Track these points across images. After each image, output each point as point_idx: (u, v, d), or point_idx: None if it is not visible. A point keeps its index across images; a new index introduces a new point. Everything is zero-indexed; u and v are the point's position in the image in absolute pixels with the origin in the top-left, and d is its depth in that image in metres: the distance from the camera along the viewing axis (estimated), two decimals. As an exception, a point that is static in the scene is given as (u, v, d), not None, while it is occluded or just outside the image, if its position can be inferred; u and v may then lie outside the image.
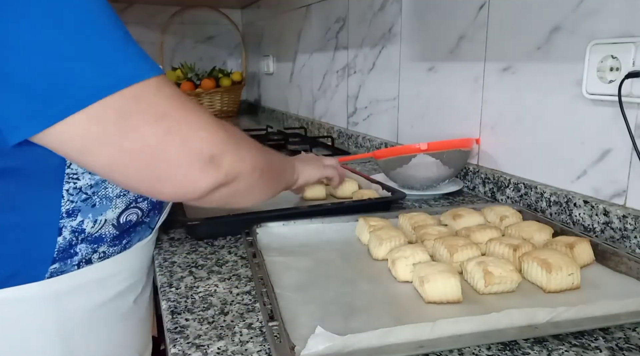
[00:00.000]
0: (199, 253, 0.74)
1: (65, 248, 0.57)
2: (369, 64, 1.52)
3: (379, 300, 0.57)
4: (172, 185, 0.49)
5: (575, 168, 0.84)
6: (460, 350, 0.48)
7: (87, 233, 0.59)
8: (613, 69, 0.74)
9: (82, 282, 0.60)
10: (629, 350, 0.49)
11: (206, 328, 0.53)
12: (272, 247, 0.72)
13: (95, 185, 0.57)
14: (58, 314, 0.58)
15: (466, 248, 0.64)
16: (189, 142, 0.48)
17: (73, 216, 0.57)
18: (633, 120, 0.73)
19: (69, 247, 0.58)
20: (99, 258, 0.61)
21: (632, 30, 0.72)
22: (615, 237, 0.76)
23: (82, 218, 0.57)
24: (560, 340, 0.50)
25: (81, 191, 0.56)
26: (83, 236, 0.58)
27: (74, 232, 0.57)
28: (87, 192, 0.57)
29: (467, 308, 0.55)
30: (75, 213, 0.57)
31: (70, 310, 0.59)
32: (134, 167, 0.47)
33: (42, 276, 0.56)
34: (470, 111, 1.08)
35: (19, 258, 0.55)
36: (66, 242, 0.57)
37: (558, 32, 0.85)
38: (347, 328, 0.50)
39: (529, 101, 0.93)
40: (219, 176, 0.51)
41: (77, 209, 0.57)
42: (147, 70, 0.46)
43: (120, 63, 0.45)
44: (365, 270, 0.66)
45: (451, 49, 1.13)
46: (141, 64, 0.47)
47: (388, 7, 1.39)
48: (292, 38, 2.17)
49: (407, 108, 1.36)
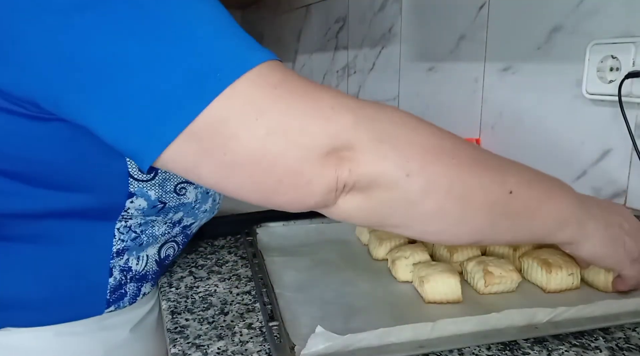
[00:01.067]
0: (199, 253, 0.74)
1: (116, 288, 0.57)
2: (369, 64, 1.52)
3: (379, 300, 0.57)
4: (285, 192, 0.41)
5: (575, 168, 0.84)
6: (460, 350, 0.48)
7: (134, 271, 0.59)
8: (613, 69, 0.74)
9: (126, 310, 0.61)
10: (629, 350, 0.48)
11: (206, 328, 0.53)
12: (272, 247, 0.72)
13: (144, 224, 0.57)
14: (104, 338, 0.58)
15: (466, 248, 0.64)
16: (296, 137, 0.39)
17: (122, 255, 0.57)
18: (633, 120, 0.73)
19: (118, 286, 0.58)
20: (141, 298, 0.61)
21: (632, 30, 0.72)
22: (615, 237, 0.76)
23: (127, 257, 0.57)
24: (560, 340, 0.50)
25: (131, 230, 0.56)
26: (131, 274, 0.58)
27: (122, 271, 0.57)
28: (136, 231, 0.57)
29: (467, 308, 0.55)
30: (124, 253, 0.57)
31: (115, 329, 0.59)
32: (241, 179, 0.40)
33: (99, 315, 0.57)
34: (470, 111, 1.08)
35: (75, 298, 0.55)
36: (116, 282, 0.57)
37: (558, 32, 0.85)
38: (347, 328, 0.49)
39: (529, 101, 0.93)
40: (340, 173, 0.40)
41: (126, 248, 0.57)
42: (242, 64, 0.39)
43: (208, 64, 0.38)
44: (365, 270, 0.66)
45: (451, 49, 1.13)
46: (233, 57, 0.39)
47: (388, 7, 1.39)
48: (292, 38, 2.17)
49: (407, 108, 1.35)
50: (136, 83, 0.37)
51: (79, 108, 0.40)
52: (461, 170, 0.42)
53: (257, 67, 0.39)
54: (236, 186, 0.41)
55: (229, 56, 0.39)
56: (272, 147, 0.39)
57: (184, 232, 0.64)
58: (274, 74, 0.40)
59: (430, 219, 0.43)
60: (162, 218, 0.59)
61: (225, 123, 0.38)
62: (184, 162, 0.40)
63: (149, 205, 0.55)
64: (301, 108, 0.39)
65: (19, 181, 0.49)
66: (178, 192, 0.57)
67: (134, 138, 0.39)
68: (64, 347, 0.56)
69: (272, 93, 0.39)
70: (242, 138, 0.38)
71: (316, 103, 0.40)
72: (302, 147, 0.39)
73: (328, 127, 0.39)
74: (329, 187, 0.40)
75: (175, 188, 0.56)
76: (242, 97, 0.38)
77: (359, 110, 0.41)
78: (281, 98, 0.39)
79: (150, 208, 0.55)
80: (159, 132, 0.38)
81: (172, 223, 0.61)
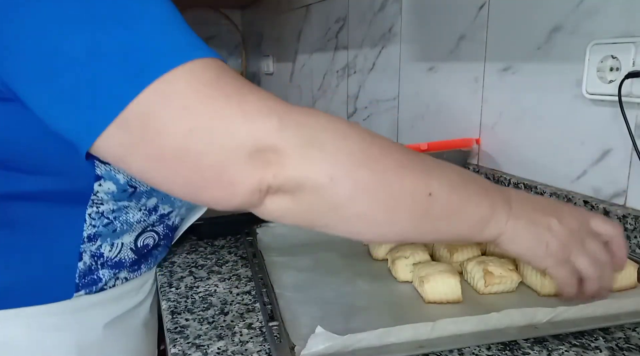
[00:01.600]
0: (199, 253, 0.74)
1: (86, 273, 0.57)
2: (369, 64, 1.52)
3: (378, 300, 0.57)
4: (209, 190, 0.41)
5: (575, 168, 0.84)
6: (460, 350, 0.48)
7: (106, 257, 0.58)
8: (613, 69, 0.74)
9: (102, 299, 0.60)
10: (629, 350, 0.48)
11: (206, 328, 0.53)
12: (272, 247, 0.72)
13: (117, 210, 0.57)
14: (77, 328, 0.58)
15: (466, 248, 0.64)
16: (221, 135, 0.39)
17: (93, 240, 0.57)
18: (633, 120, 0.73)
19: (89, 271, 0.57)
20: (121, 283, 0.61)
21: (632, 30, 0.72)
22: (615, 237, 0.76)
23: (101, 243, 0.57)
24: (560, 340, 0.50)
25: (103, 215, 0.56)
26: (102, 260, 0.58)
27: (93, 257, 0.57)
28: (109, 217, 0.56)
29: (467, 308, 0.55)
30: (96, 238, 0.57)
31: (89, 324, 0.59)
32: (168, 174, 0.41)
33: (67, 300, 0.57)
34: (470, 111, 1.08)
35: (42, 280, 0.55)
36: (86, 267, 0.57)
37: (558, 32, 0.85)
38: (347, 328, 0.49)
39: (529, 101, 0.93)
40: (264, 175, 0.40)
41: (97, 234, 0.56)
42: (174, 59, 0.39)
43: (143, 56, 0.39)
44: (365, 270, 0.66)
45: (451, 49, 1.13)
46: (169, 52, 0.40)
47: (388, 7, 1.39)
48: (292, 38, 2.17)
49: (407, 108, 1.36)
50: (74, 72, 0.39)
51: (24, 93, 0.42)
52: (386, 175, 0.43)
53: (190, 63, 0.40)
54: (162, 180, 0.42)
55: (165, 51, 0.40)
56: (195, 145, 0.39)
57: (162, 221, 0.64)
58: (207, 72, 0.40)
59: (355, 222, 0.44)
60: (135, 204, 0.58)
61: (152, 116, 0.39)
62: (115, 151, 0.42)
63: (118, 188, 0.55)
64: (227, 109, 0.40)
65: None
66: None
67: (71, 125, 0.41)
68: (36, 342, 0.55)
69: (200, 91, 0.40)
70: (167, 133, 0.39)
71: (243, 105, 0.40)
72: (225, 147, 0.40)
73: (252, 130, 0.40)
74: (252, 188, 0.41)
75: None
76: (171, 92, 0.39)
77: (286, 115, 0.41)
78: (208, 98, 0.40)
79: (120, 192, 0.55)
80: (92, 119, 0.40)
81: (147, 211, 0.60)
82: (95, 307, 0.59)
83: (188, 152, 0.40)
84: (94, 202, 0.55)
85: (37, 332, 0.56)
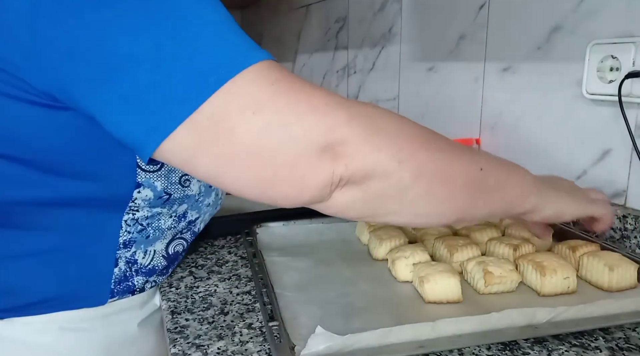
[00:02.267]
0: (199, 253, 0.74)
1: (121, 279, 0.58)
2: (369, 64, 1.52)
3: (379, 300, 0.57)
4: (283, 186, 0.42)
5: (575, 168, 0.84)
6: (460, 350, 0.48)
7: (140, 264, 0.59)
8: (613, 69, 0.74)
9: (132, 305, 0.61)
10: (629, 350, 0.48)
11: (206, 328, 0.53)
12: (272, 247, 0.72)
13: (151, 217, 0.58)
14: (105, 333, 0.59)
15: (466, 248, 0.64)
16: (292, 131, 0.40)
17: (128, 247, 0.57)
18: (633, 120, 0.73)
19: (124, 278, 0.58)
20: (150, 287, 0.62)
21: (632, 30, 0.72)
22: (615, 237, 0.76)
23: (135, 249, 0.58)
24: (560, 340, 0.50)
25: (137, 222, 0.57)
26: (136, 267, 0.59)
27: (128, 263, 0.58)
28: (143, 224, 0.58)
29: (467, 308, 0.55)
30: (131, 244, 0.58)
31: (117, 327, 0.60)
32: (239, 171, 0.41)
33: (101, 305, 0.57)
34: (470, 111, 1.08)
35: (78, 286, 0.55)
36: (121, 273, 0.58)
37: (558, 32, 0.85)
38: (347, 328, 0.49)
39: (529, 101, 0.93)
40: (336, 168, 0.41)
41: (132, 240, 0.57)
42: (243, 60, 0.41)
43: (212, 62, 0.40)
44: (365, 270, 0.66)
45: (451, 49, 1.13)
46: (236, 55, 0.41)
47: (388, 7, 1.39)
48: (292, 38, 2.17)
49: (407, 108, 1.36)
50: (142, 77, 0.39)
51: (88, 100, 0.42)
52: (443, 155, 0.47)
53: (256, 64, 0.41)
54: (232, 178, 0.42)
55: (230, 54, 0.41)
56: (269, 140, 0.40)
57: (189, 227, 0.65)
58: (272, 72, 0.41)
59: (420, 202, 0.46)
60: (167, 211, 0.60)
61: (224, 116, 0.40)
62: (182, 153, 0.41)
63: (155, 195, 0.56)
64: (298, 104, 0.41)
65: (31, 168, 0.50)
66: (182, 183, 0.59)
67: (136, 128, 0.41)
68: (64, 342, 0.56)
69: (270, 89, 0.40)
70: (241, 130, 0.40)
71: (312, 99, 0.41)
72: (299, 140, 0.40)
73: (324, 122, 0.41)
74: (325, 181, 0.42)
75: (180, 179, 0.58)
76: (242, 92, 0.40)
77: (351, 108, 0.43)
78: (279, 94, 0.41)
79: (156, 199, 0.56)
80: (160, 122, 0.40)
81: (177, 217, 0.62)
82: (125, 312, 0.61)
83: (263, 148, 0.40)
84: (130, 208, 0.56)
85: (68, 335, 0.56)
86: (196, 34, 0.40)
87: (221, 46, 0.41)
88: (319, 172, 0.41)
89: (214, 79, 0.39)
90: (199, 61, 0.40)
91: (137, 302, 0.62)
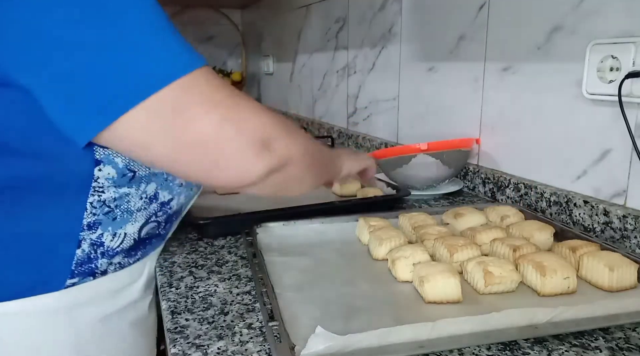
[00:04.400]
0: (199, 253, 0.74)
1: (84, 261, 0.57)
2: (369, 64, 1.52)
3: (379, 300, 0.57)
4: (229, 172, 0.49)
5: (575, 168, 0.84)
6: (460, 350, 0.48)
7: (107, 247, 0.59)
8: (613, 69, 0.74)
9: (97, 293, 0.60)
10: (629, 350, 0.49)
11: (206, 328, 0.53)
12: (272, 247, 0.72)
13: (119, 198, 0.58)
14: (72, 324, 0.58)
15: (466, 248, 0.64)
16: (243, 127, 0.48)
17: (94, 229, 0.57)
18: (633, 120, 0.73)
19: (87, 260, 0.58)
20: (114, 270, 0.61)
21: (632, 30, 0.72)
22: (615, 237, 0.76)
23: (102, 232, 0.58)
24: (560, 340, 0.50)
25: (104, 204, 0.57)
26: (102, 249, 0.58)
27: (93, 245, 0.57)
28: (110, 205, 0.57)
29: (467, 308, 0.55)
30: (96, 226, 0.57)
31: (84, 320, 0.59)
32: (193, 157, 0.47)
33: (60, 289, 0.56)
34: (470, 111, 1.08)
35: (37, 268, 0.55)
36: (84, 255, 0.57)
37: (558, 32, 0.85)
38: (347, 328, 0.49)
39: (529, 101, 0.93)
40: (272, 160, 0.50)
41: (98, 222, 0.57)
42: (196, 61, 0.47)
43: (171, 55, 0.46)
44: (365, 270, 0.66)
45: (451, 49, 1.13)
46: (190, 55, 0.47)
47: (388, 7, 1.39)
48: (292, 38, 2.17)
49: (407, 108, 1.36)
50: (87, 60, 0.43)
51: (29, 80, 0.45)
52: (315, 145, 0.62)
53: (204, 68, 0.48)
54: (184, 165, 0.49)
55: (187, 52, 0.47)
56: (223, 133, 0.47)
57: (163, 209, 0.64)
58: (216, 78, 0.49)
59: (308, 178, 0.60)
60: (135, 191, 0.59)
61: (184, 107, 0.45)
62: (138, 135, 0.46)
63: (118, 173, 0.56)
64: (244, 106, 0.49)
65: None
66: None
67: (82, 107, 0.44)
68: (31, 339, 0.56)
69: (222, 91, 0.48)
70: (199, 122, 0.46)
71: (250, 104, 0.50)
72: (246, 135, 0.48)
73: (262, 122, 0.50)
74: (264, 170, 0.50)
75: None
76: (199, 87, 0.46)
77: (271, 112, 0.53)
78: (228, 97, 0.48)
79: (120, 177, 0.56)
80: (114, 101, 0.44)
81: (148, 198, 0.61)
82: (91, 303, 0.59)
83: (217, 139, 0.47)
84: (95, 189, 0.55)
85: (32, 328, 0.56)
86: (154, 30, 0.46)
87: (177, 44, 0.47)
88: (260, 162, 0.49)
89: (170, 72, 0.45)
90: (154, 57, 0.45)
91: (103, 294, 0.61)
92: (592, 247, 0.65)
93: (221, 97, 0.48)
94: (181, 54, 0.47)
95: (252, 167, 0.49)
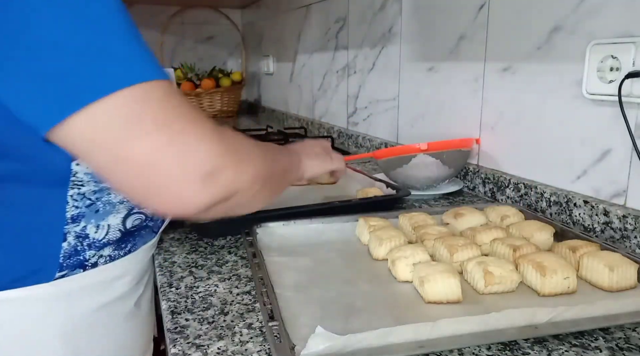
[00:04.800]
0: (199, 253, 0.74)
1: (71, 254, 0.57)
2: (369, 64, 1.52)
3: (379, 300, 0.57)
4: (166, 199, 0.46)
5: (575, 168, 0.84)
6: (460, 350, 0.48)
7: (93, 238, 0.59)
8: (613, 69, 0.74)
9: (88, 284, 0.60)
10: (629, 350, 0.49)
11: (206, 328, 0.53)
12: (272, 247, 0.72)
13: (99, 191, 0.58)
14: (62, 315, 0.58)
15: (466, 248, 0.64)
16: (188, 155, 0.45)
17: (77, 221, 0.57)
18: (633, 120, 0.73)
19: (75, 252, 0.58)
20: (104, 262, 0.61)
21: (632, 30, 0.72)
22: (615, 237, 0.76)
23: (85, 224, 0.58)
24: (560, 340, 0.50)
25: (85, 197, 0.57)
26: (89, 241, 0.59)
27: (78, 237, 0.58)
28: (91, 198, 0.57)
29: (467, 308, 0.55)
30: (80, 219, 0.57)
31: (74, 311, 0.59)
32: (126, 176, 0.45)
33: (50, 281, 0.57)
34: (470, 111, 1.08)
35: (25, 261, 0.55)
36: (71, 248, 0.57)
37: (558, 32, 0.85)
38: (347, 328, 0.50)
39: (529, 101, 0.93)
40: (217, 193, 0.47)
41: (81, 215, 0.57)
42: (157, 73, 0.45)
43: (131, 60, 0.44)
44: (365, 270, 0.66)
45: (451, 49, 1.13)
46: (152, 66, 0.45)
47: (388, 7, 1.39)
48: (292, 38, 2.17)
49: (407, 108, 1.36)
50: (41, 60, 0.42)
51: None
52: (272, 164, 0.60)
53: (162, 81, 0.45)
54: (120, 181, 0.46)
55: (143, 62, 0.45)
56: (164, 158, 0.44)
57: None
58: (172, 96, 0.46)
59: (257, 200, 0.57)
60: None
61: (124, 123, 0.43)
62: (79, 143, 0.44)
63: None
64: (192, 131, 0.46)
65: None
66: None
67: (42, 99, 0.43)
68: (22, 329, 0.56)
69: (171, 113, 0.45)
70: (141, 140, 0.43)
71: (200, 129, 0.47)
72: (189, 164, 0.45)
73: (210, 150, 0.46)
74: (207, 203, 0.47)
75: None
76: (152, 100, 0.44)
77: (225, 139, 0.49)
78: (177, 119, 0.45)
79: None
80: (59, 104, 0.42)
81: None
82: (81, 294, 0.60)
83: (155, 163, 0.44)
84: (74, 183, 0.55)
85: (22, 318, 0.56)
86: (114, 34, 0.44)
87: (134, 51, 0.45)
88: (202, 193, 0.46)
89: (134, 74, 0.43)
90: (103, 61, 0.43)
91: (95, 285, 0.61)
92: (592, 247, 0.65)
93: (172, 118, 0.45)
94: (143, 61, 0.45)
95: (193, 199, 0.46)
